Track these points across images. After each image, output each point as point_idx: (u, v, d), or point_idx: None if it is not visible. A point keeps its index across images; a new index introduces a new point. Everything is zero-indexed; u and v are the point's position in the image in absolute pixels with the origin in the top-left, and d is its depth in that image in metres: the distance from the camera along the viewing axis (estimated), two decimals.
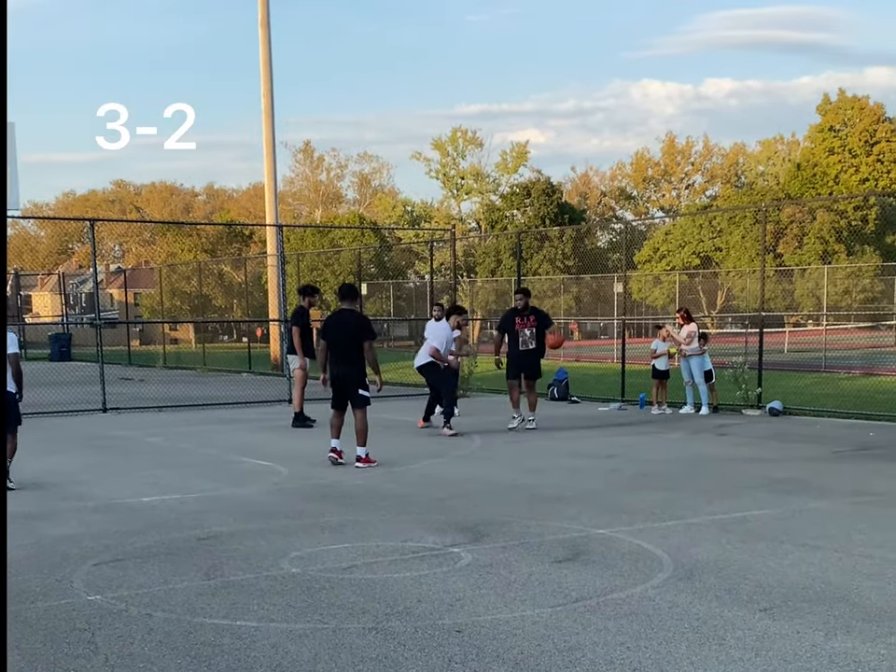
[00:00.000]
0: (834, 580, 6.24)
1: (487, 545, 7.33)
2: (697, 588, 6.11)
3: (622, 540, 7.41)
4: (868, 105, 67.91)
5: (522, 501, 9.04)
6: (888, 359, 26.88)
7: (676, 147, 78.80)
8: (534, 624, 5.48)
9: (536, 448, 12.76)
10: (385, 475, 10.66)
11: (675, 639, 5.19)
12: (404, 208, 72.11)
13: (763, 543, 7.22)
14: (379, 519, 8.34)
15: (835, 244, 53.36)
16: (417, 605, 5.87)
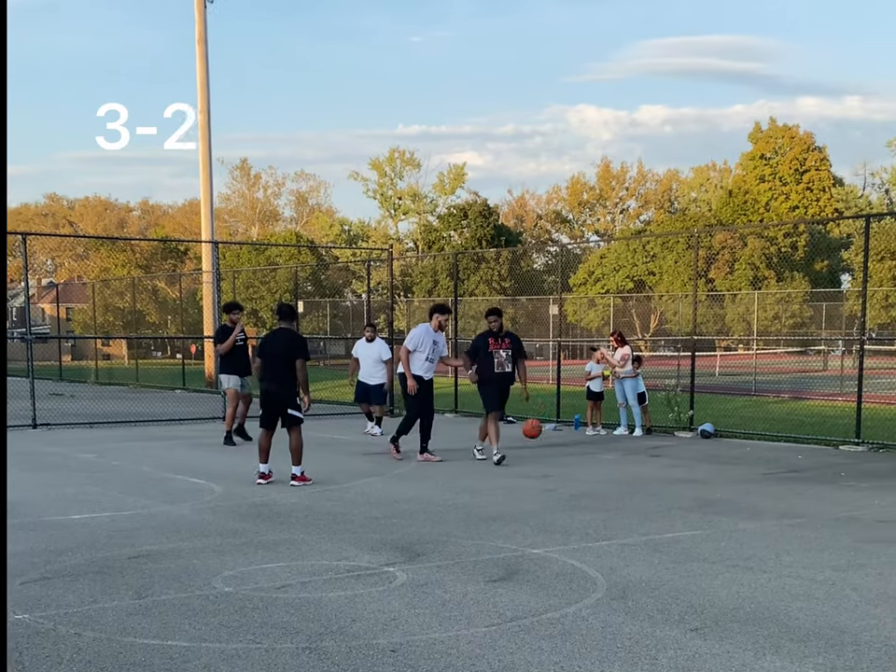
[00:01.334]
0: (764, 600, 6.33)
1: (423, 564, 7.33)
2: (630, 608, 6.17)
3: (556, 560, 7.45)
4: (798, 134, 69.46)
5: (457, 521, 9.05)
6: (816, 384, 27.36)
7: (611, 173, 79.71)
8: (469, 644, 5.49)
9: (472, 468, 12.78)
10: (320, 494, 10.61)
11: (608, 659, 5.23)
12: (341, 227, 72.06)
13: (694, 564, 7.31)
14: (314, 538, 8.29)
15: (766, 269, 54.34)
16: (352, 624, 5.85)
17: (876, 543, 8.02)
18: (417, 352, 13.38)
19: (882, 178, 75.36)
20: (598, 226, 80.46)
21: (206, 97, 27.77)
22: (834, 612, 6.06)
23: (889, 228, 56.22)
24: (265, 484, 11.15)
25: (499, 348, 13.35)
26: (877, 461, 13.47)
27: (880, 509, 9.66)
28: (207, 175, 28.10)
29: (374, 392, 17.18)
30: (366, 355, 17.13)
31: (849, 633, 5.65)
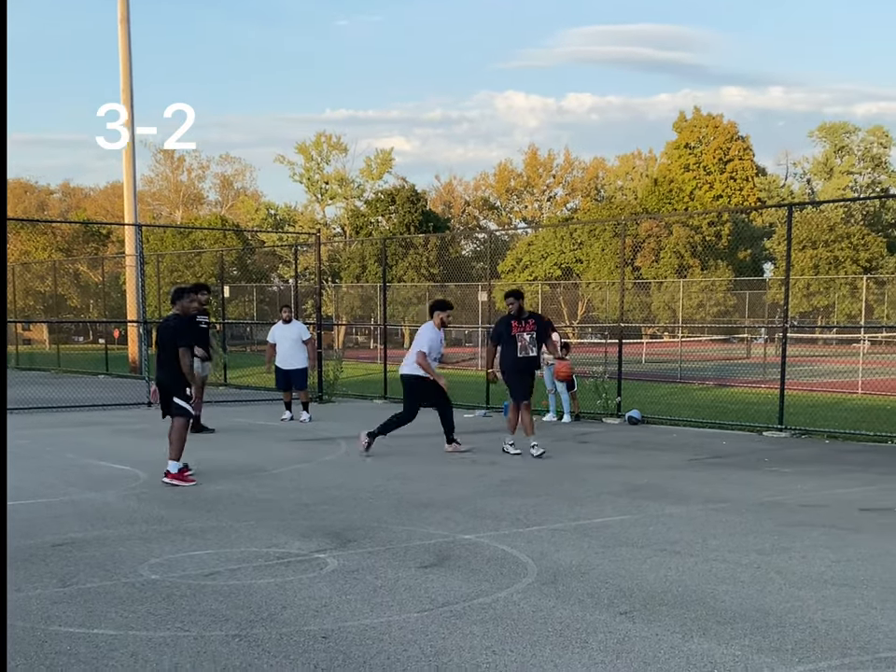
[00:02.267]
0: (691, 583, 6.42)
1: (353, 551, 7.30)
2: (561, 592, 6.21)
3: (487, 546, 7.47)
4: (722, 124, 70.43)
5: (388, 507, 9.03)
6: (739, 371, 27.84)
7: (538, 160, 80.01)
8: (400, 630, 5.48)
9: (402, 455, 12.76)
10: (248, 480, 10.51)
11: (539, 643, 5.26)
12: (267, 211, 71.32)
13: (623, 548, 7.38)
14: (242, 525, 8.22)
15: (690, 258, 55.02)
16: (282, 611, 5.81)
17: (799, 527, 8.17)
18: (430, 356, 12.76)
19: (804, 168, 76.69)
20: (526, 213, 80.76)
21: (129, 79, 27.31)
22: (760, 595, 6.16)
23: (811, 217, 57.33)
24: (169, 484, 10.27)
25: (522, 331, 12.58)
26: (799, 447, 13.73)
27: (803, 493, 9.85)
28: (130, 158, 27.65)
29: (297, 377, 16.70)
30: (284, 336, 16.65)
31: (774, 615, 5.75)
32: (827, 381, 24.03)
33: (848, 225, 58.55)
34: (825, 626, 5.53)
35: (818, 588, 6.31)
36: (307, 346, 16.75)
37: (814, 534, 7.91)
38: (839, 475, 11.06)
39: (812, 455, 12.84)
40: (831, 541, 7.65)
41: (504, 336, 12.66)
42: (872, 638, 5.33)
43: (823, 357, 33.48)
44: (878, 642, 5.27)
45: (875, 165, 70.74)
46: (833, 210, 61.22)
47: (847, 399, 21.26)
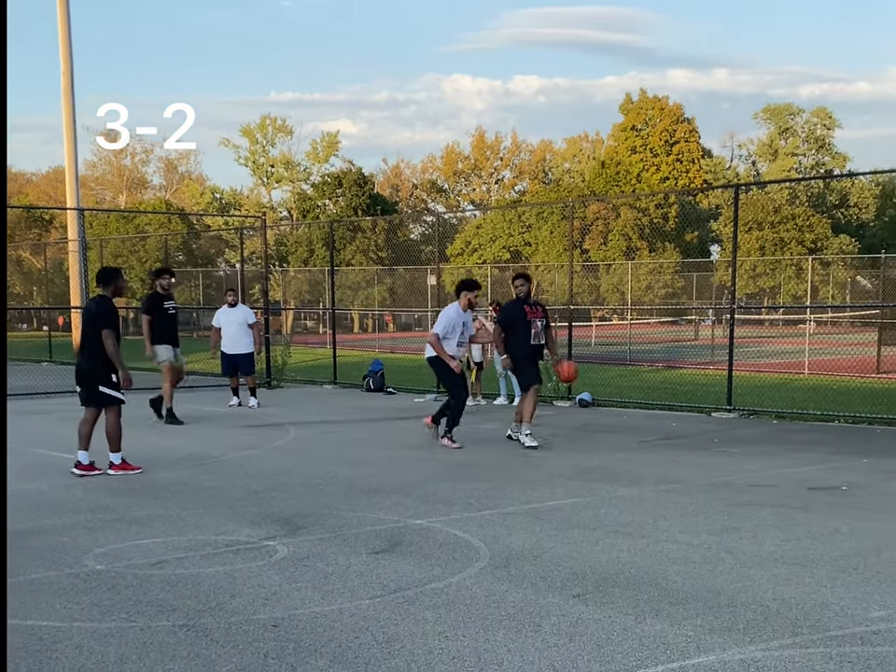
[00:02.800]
0: (643, 565, 6.42)
1: (303, 538, 7.22)
2: (513, 576, 6.17)
3: (439, 530, 7.42)
4: (668, 106, 70.80)
5: (339, 493, 8.95)
6: (688, 352, 28.03)
7: (485, 143, 80.00)
8: (352, 617, 5.41)
9: (352, 440, 12.67)
10: (196, 468, 10.38)
11: (492, 627, 5.22)
12: (213, 195, 70.68)
13: (575, 531, 7.37)
14: (190, 513, 8.10)
15: (638, 240, 55.38)
16: (231, 600, 5.72)
17: (749, 507, 8.22)
18: (447, 339, 11.84)
19: (749, 150, 77.48)
20: (474, 196, 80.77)
21: (69, 58, 26.73)
22: (711, 575, 6.17)
23: (757, 199, 57.90)
24: (79, 476, 9.89)
25: (535, 317, 11.96)
26: (748, 427, 13.84)
27: (751, 473, 9.91)
28: (71, 141, 27.11)
29: (243, 362, 16.44)
30: (229, 321, 16.34)
31: (725, 595, 5.76)
32: (774, 361, 24.30)
33: (793, 206, 59.20)
34: (776, 605, 5.55)
35: (768, 567, 6.33)
36: (253, 330, 16.48)
37: (763, 514, 7.95)
38: (787, 455, 11.15)
39: (760, 436, 12.94)
40: (780, 521, 7.69)
41: (519, 321, 11.93)
42: (822, 617, 5.35)
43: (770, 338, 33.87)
44: (829, 620, 5.29)
45: (820, 147, 71.64)
46: (779, 192, 61.88)
47: (794, 379, 21.51)
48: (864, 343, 24.67)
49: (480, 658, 4.79)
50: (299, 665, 4.72)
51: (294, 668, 4.68)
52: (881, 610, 5.45)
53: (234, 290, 17.05)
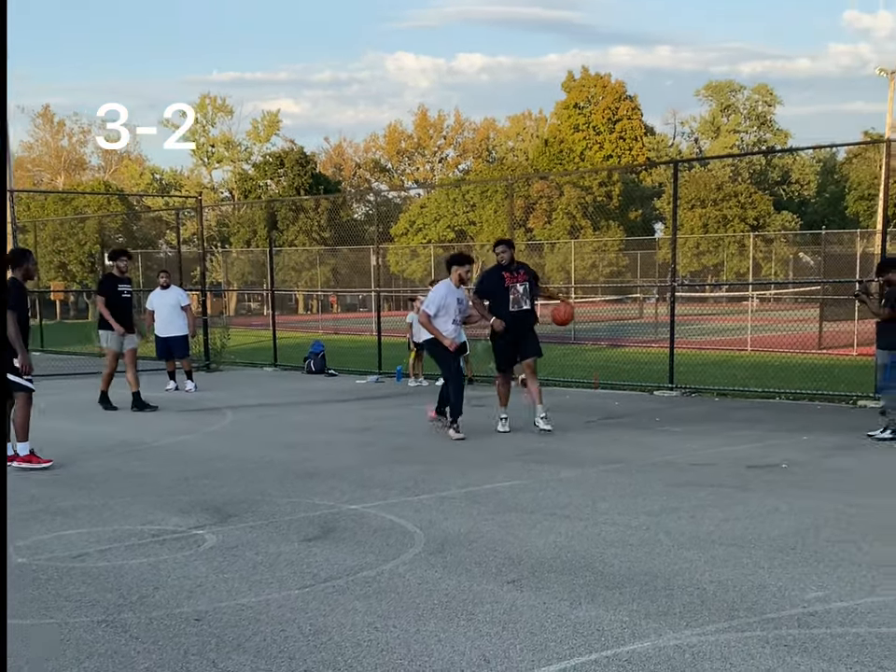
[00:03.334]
0: (580, 548, 6.30)
1: (234, 526, 7.02)
2: (448, 562, 6.03)
3: (374, 516, 7.25)
4: (610, 83, 70.81)
5: (273, 478, 8.75)
6: (632, 331, 28.06)
7: (428, 121, 79.59)
8: (279, 608, 5.24)
9: (290, 423, 12.46)
10: (128, 454, 10.11)
11: (424, 617, 5.07)
12: (152, 176, 69.65)
13: (512, 514, 7.24)
14: (118, 501, 7.85)
15: (582, 219, 55.43)
16: (154, 593, 5.51)
17: (688, 487, 8.14)
18: (439, 317, 11.11)
19: (691, 127, 77.82)
20: (418, 175, 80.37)
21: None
22: (648, 558, 6.07)
23: (699, 177, 58.20)
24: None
25: (515, 282, 11.21)
26: (689, 405, 13.82)
27: (692, 452, 9.86)
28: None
29: (177, 345, 16.17)
30: (162, 303, 16.06)
31: (662, 577, 5.66)
32: (717, 339, 24.37)
33: (736, 184, 59.57)
34: (713, 588, 5.46)
35: (706, 548, 6.25)
36: (186, 313, 16.17)
37: (702, 493, 7.88)
38: (727, 433, 11.12)
39: (701, 414, 12.92)
40: (719, 500, 7.62)
41: (497, 289, 11.22)
42: (759, 599, 5.26)
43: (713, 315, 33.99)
44: (766, 602, 5.20)
45: (761, 124, 72.14)
46: (721, 169, 62.27)
47: (736, 356, 21.60)
48: (806, 320, 24.83)
49: (409, 650, 4.64)
50: (220, 661, 4.53)
51: (215, 664, 4.50)
52: (818, 591, 5.38)
53: (167, 272, 16.74)
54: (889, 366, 10.37)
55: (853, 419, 12.12)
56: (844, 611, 5.05)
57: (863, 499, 7.59)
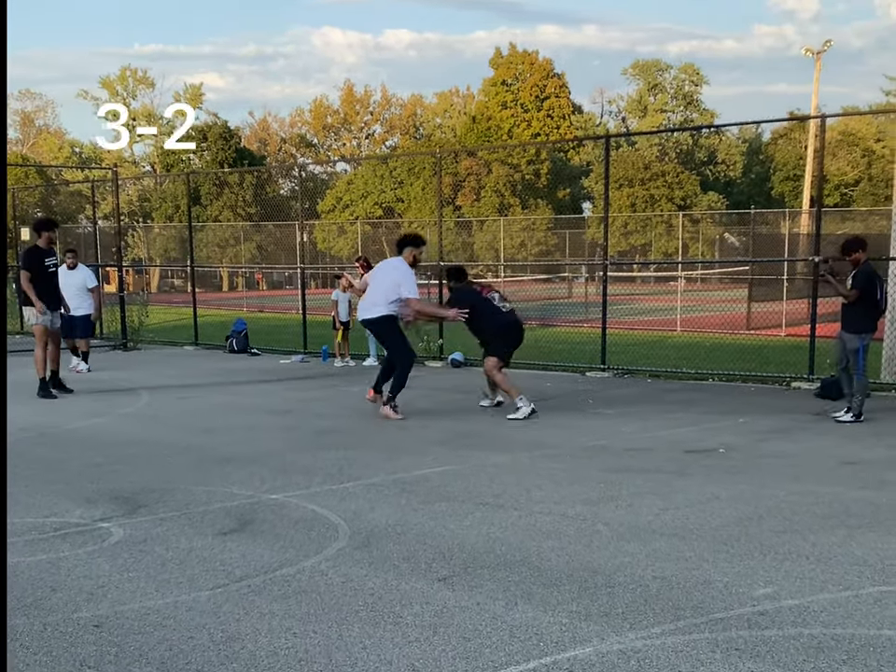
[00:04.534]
0: (514, 541, 5.93)
1: (144, 518, 6.53)
2: (374, 557, 5.62)
3: (296, 506, 6.81)
4: (538, 61, 70.47)
5: (189, 465, 8.26)
6: (562, 310, 27.82)
7: (354, 96, 78.60)
8: (189, 612, 4.79)
9: (209, 405, 11.92)
10: (33, 439, 9.52)
11: (347, 620, 4.66)
12: (72, 149, 67.86)
13: (443, 504, 6.85)
14: (21, 490, 7.30)
15: (511, 197, 55.16)
16: (51, 595, 5.02)
17: (625, 473, 7.82)
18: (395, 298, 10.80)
19: (619, 106, 77.92)
20: (344, 151, 79.41)
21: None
22: (587, 551, 5.72)
23: (627, 156, 58.25)
24: None
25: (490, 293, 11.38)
26: (622, 387, 13.54)
27: (627, 436, 9.55)
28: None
29: (80, 324, 15.36)
30: (68, 283, 14.95)
31: (602, 573, 5.32)
32: (647, 319, 24.26)
33: (663, 164, 59.74)
34: (656, 585, 5.12)
35: (647, 540, 5.92)
36: (92, 294, 15.45)
37: (640, 480, 7.56)
38: (662, 415, 10.84)
39: (635, 396, 12.65)
40: (657, 487, 7.31)
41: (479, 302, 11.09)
42: (706, 597, 4.93)
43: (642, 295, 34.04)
44: (712, 601, 4.88)
45: (688, 103, 72.39)
46: (649, 149, 62.45)
47: (667, 337, 21.44)
48: (734, 300, 24.80)
49: (331, 659, 4.23)
50: None
51: None
52: (766, 587, 5.07)
53: (74, 251, 16.01)
54: (861, 349, 10.17)
55: (787, 401, 11.93)
56: (795, 610, 4.75)
57: (804, 486, 7.33)
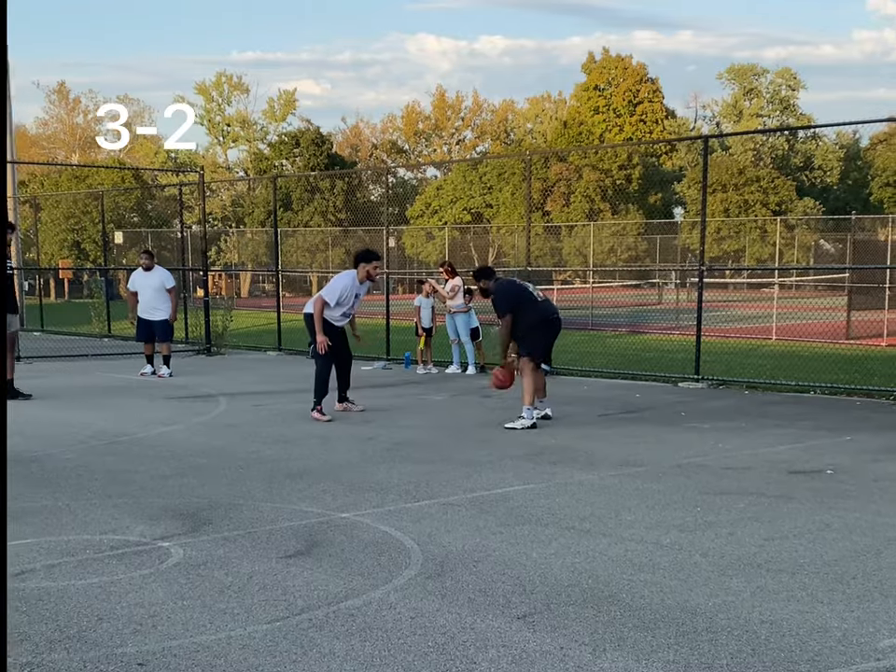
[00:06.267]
0: (603, 573, 5.38)
1: (207, 536, 6.13)
2: (448, 589, 5.13)
3: (367, 526, 6.35)
4: (631, 65, 69.45)
5: (259, 478, 7.85)
6: (652, 317, 27.08)
7: (446, 102, 78.36)
8: (242, 650, 4.34)
9: (286, 414, 11.54)
10: (104, 447, 9.22)
11: (415, 666, 4.17)
12: (167, 154, 68.77)
13: (525, 527, 6.32)
14: (81, 504, 6.97)
15: (601, 202, 54.32)
16: (96, 626, 4.62)
17: (724, 495, 7.21)
18: (338, 306, 11.03)
19: (713, 111, 76.44)
20: (435, 156, 79.18)
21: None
22: (684, 587, 5.15)
23: (721, 161, 56.98)
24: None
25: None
26: (717, 399, 12.85)
27: (724, 453, 8.91)
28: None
29: (160, 328, 15.16)
30: (145, 285, 15.06)
31: (702, 614, 4.74)
32: (741, 326, 23.38)
33: (758, 168, 58.29)
34: (765, 631, 4.53)
35: (751, 575, 5.32)
36: (170, 295, 15.25)
37: (741, 504, 6.94)
38: (762, 431, 10.15)
39: (730, 408, 11.96)
40: (760, 513, 6.69)
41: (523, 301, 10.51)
42: (822, 647, 4.33)
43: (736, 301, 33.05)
44: (830, 652, 4.28)
45: (784, 108, 70.64)
46: (743, 154, 61.05)
47: (762, 345, 20.60)
48: (832, 308, 23.83)
49: None
50: None
51: None
52: (892, 637, 4.45)
53: (149, 253, 15.81)
54: None
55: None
56: None
57: None
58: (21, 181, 59.86)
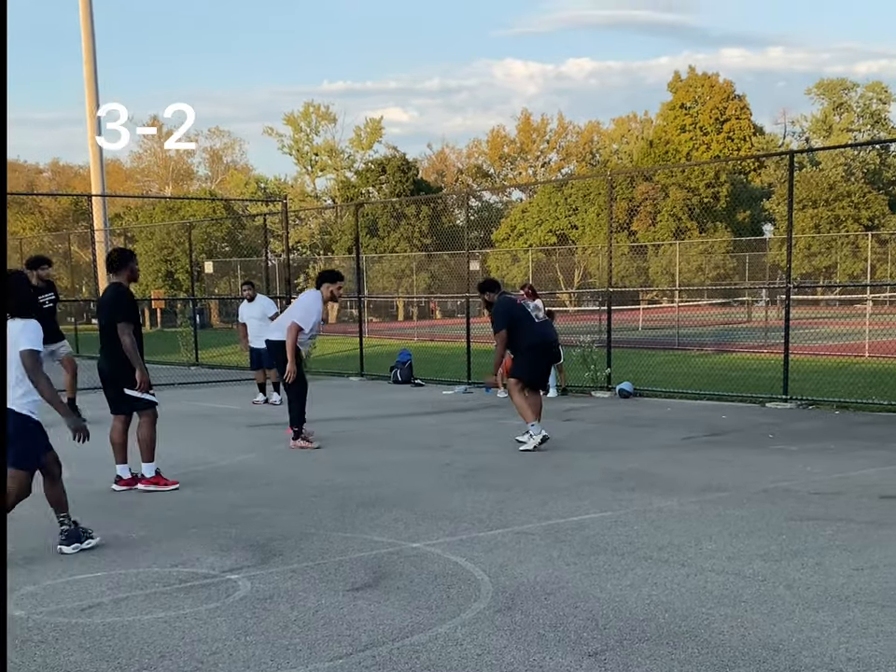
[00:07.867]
0: (681, 607, 5.16)
1: (275, 568, 6.04)
2: (517, 623, 4.95)
3: (437, 557, 6.21)
4: (718, 83, 68.63)
5: (331, 507, 7.76)
6: (740, 336, 26.52)
7: (531, 125, 78.26)
8: None
9: (362, 440, 11.47)
10: (180, 477, 9.17)
11: None
12: (257, 185, 69.86)
13: (601, 557, 6.12)
14: (154, 534, 6.95)
15: (688, 221, 53.61)
16: (157, 664, 4.55)
17: (811, 522, 6.91)
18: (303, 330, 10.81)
19: (802, 127, 75.09)
20: (520, 179, 79.07)
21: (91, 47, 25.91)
22: (766, 621, 4.90)
23: (811, 176, 55.86)
24: (122, 491, 8.66)
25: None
26: (806, 420, 12.44)
27: (812, 477, 8.57)
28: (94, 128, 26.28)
29: (266, 355, 15.37)
30: (249, 315, 15.63)
31: (785, 651, 4.50)
32: (831, 344, 22.72)
33: (849, 183, 56.97)
34: (852, 669, 4.28)
35: (838, 609, 5.05)
36: None
37: (828, 531, 6.64)
38: (853, 453, 9.77)
39: (821, 430, 11.56)
40: (850, 541, 6.38)
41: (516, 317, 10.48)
42: None
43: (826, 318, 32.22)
44: None
45: (875, 122, 69.06)
46: (833, 169, 59.72)
47: (853, 362, 19.95)
48: None
49: None
50: None
51: None
52: None
53: (251, 284, 16.15)
54: None
55: None
56: None
57: None
58: (116, 213, 61.43)
